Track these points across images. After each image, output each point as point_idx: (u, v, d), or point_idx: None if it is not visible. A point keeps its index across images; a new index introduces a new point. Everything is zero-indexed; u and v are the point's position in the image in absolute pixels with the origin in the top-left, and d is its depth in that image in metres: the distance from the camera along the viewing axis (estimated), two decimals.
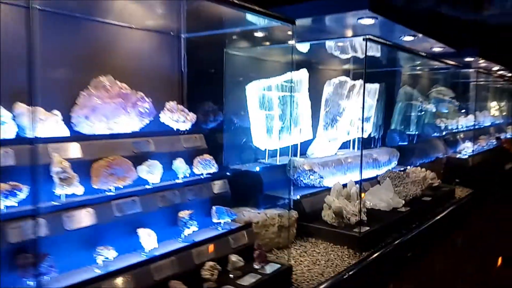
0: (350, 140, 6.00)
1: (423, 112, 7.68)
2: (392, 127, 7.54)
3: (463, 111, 8.91)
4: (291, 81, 4.73)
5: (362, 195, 4.08)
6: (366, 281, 3.38)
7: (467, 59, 6.76)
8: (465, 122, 8.32)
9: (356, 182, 4.25)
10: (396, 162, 5.94)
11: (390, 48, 5.41)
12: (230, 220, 2.97)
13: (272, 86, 4.48)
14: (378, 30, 4.61)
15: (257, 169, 4.22)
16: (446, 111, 7.98)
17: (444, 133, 7.63)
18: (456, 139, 7.86)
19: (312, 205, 4.03)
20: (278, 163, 4.60)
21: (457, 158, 7.22)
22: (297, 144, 4.95)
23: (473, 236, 5.24)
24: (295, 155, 4.95)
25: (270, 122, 4.45)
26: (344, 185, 4.14)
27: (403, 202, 4.54)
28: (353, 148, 6.08)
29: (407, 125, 7.63)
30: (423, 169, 5.66)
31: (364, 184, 4.87)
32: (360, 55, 5.20)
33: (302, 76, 4.97)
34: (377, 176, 5.20)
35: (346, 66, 6.29)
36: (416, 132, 7.53)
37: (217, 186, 3.09)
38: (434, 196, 5.14)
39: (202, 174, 3.05)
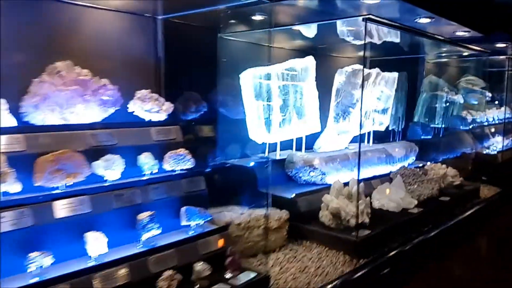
0: (365, 134, 5.57)
1: (449, 104, 7.11)
2: (415, 119, 7.02)
3: (496, 102, 8.23)
4: (293, 69, 4.35)
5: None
6: None
7: (498, 45, 6.12)
8: (496, 114, 7.65)
9: (362, 180, 3.85)
10: (414, 158, 5.45)
11: (411, 34, 4.92)
12: (203, 222, 2.67)
13: (272, 74, 4.12)
14: (392, 11, 4.14)
15: (252, 164, 3.89)
16: (476, 102, 7.35)
17: (472, 126, 7.03)
18: (485, 133, 7.23)
19: (309, 205, 3.66)
20: (278, 157, 4.26)
21: (485, 154, 6.62)
22: (302, 138, 4.58)
23: (499, 240, 4.71)
24: (300, 150, 4.59)
25: (268, 114, 4.10)
26: (346, 184, 3.74)
27: (416, 202, 4.09)
28: (368, 142, 5.64)
29: (432, 117, 7.10)
30: (443, 166, 5.15)
31: (374, 182, 4.45)
32: (377, 41, 4.76)
33: (308, 63, 4.58)
34: (390, 172, 4.75)
35: (361, 53, 5.82)
36: (442, 125, 6.99)
37: (191, 184, 2.78)
38: (454, 196, 4.65)
39: (174, 171, 2.75)
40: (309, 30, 4.26)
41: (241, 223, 3.00)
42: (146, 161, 2.60)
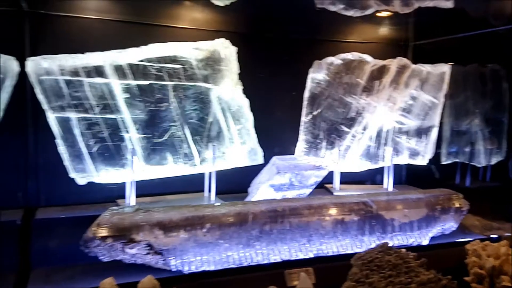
0: (385, 169, 3.26)
1: None
2: None
3: None
4: (177, 59, 2.45)
5: None
6: None
7: None
8: None
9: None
10: (453, 225, 2.86)
11: None
12: None
13: (106, 66, 2.33)
14: None
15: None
16: None
17: None
18: None
19: None
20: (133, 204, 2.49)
21: None
22: (211, 175, 2.69)
23: None
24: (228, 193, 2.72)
25: (100, 134, 2.36)
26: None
27: None
28: (387, 184, 3.29)
29: None
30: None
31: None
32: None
33: (223, 50, 2.62)
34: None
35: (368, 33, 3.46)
36: None
37: None
38: None
39: None
40: None
41: None
42: None
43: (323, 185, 3.24)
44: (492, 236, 2.71)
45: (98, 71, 2.31)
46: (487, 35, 3.35)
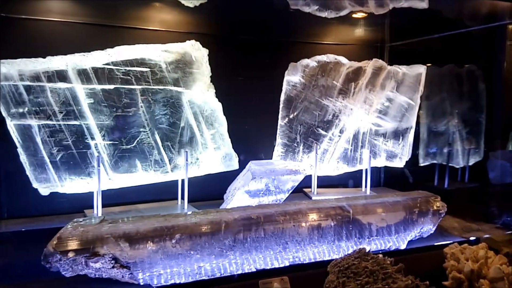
0: (363, 172, 3.22)
1: None
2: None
3: None
4: (146, 62, 2.36)
5: None
6: None
7: None
8: None
9: None
10: (431, 228, 2.80)
11: None
12: None
13: (69, 70, 2.22)
14: None
15: None
16: None
17: None
18: None
19: None
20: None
21: None
22: (184, 183, 2.59)
23: None
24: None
25: (59, 142, 2.24)
26: None
27: None
28: (365, 187, 3.25)
29: None
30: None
31: None
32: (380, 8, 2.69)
33: (193, 52, 2.54)
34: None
35: (343, 34, 3.42)
36: None
37: None
38: None
39: None
40: None
41: None
42: None
43: (302, 190, 3.18)
44: (471, 238, 2.67)
45: (60, 76, 2.19)
46: (462, 35, 3.35)
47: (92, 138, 2.27)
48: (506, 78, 3.71)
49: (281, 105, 3.03)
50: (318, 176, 3.10)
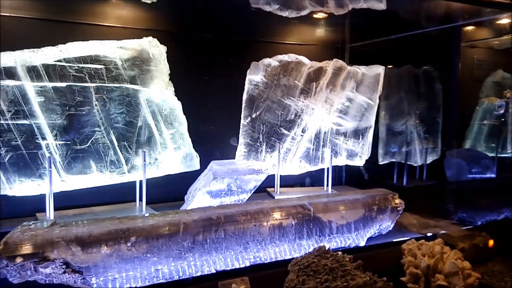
0: (325, 171, 3.23)
1: None
2: (467, 145, 4.30)
3: None
4: (100, 59, 2.26)
5: None
6: None
7: None
8: None
9: None
10: (390, 225, 2.84)
11: None
12: None
13: (18, 67, 2.11)
14: None
15: None
16: None
17: None
18: None
19: None
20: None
21: None
22: (142, 184, 2.51)
23: None
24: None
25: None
26: None
27: None
28: (327, 186, 3.26)
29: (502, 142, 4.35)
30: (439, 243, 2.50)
31: None
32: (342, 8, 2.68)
33: (151, 49, 2.46)
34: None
35: (306, 34, 3.44)
36: None
37: None
38: None
39: None
40: None
41: None
42: None
43: (265, 189, 3.16)
44: (428, 234, 2.73)
45: (8, 73, 2.08)
46: (419, 36, 3.43)
47: (43, 138, 2.17)
48: (462, 79, 3.84)
49: (243, 105, 3.00)
50: (281, 176, 3.10)
